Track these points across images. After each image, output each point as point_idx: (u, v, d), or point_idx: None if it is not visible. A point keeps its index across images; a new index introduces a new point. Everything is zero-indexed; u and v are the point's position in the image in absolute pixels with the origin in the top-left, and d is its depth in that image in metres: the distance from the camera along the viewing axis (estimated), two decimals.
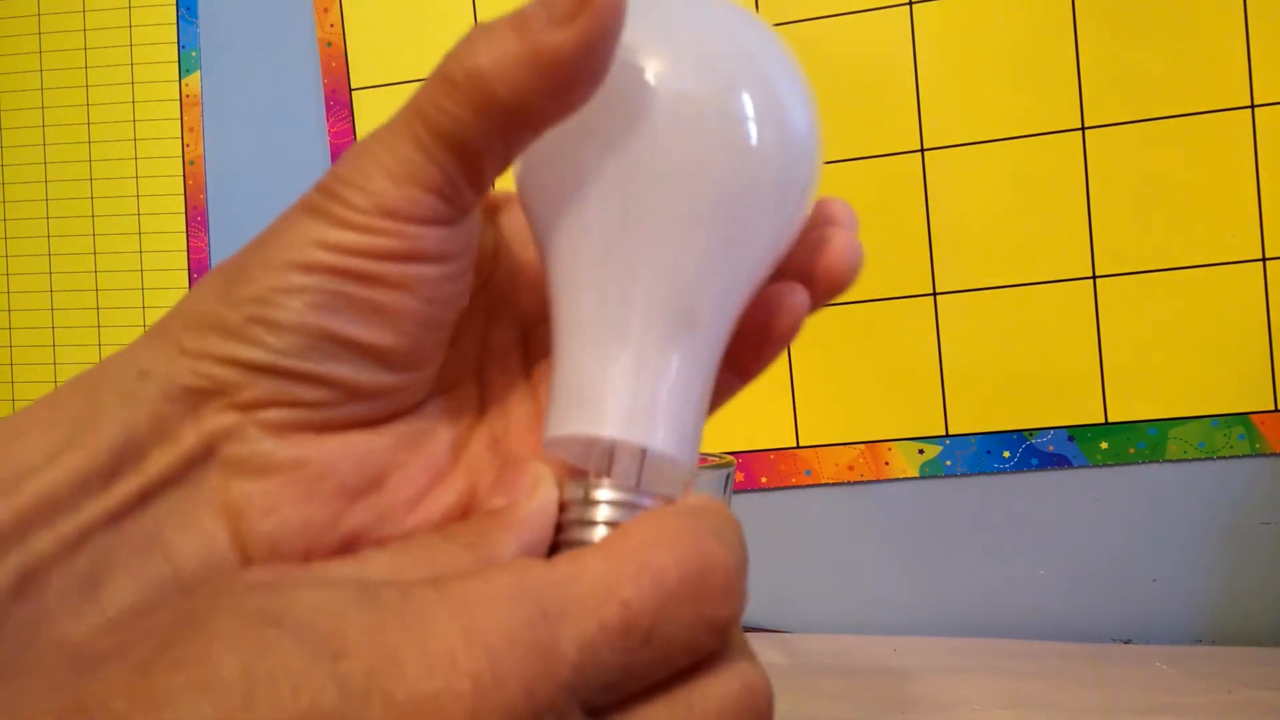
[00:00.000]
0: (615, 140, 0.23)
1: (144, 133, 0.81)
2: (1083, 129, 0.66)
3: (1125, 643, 0.67)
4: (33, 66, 0.82)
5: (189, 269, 0.80)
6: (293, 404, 0.23)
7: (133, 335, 0.82)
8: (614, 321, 0.24)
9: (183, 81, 0.80)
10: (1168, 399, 0.66)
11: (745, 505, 0.71)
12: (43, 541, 0.21)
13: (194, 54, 0.80)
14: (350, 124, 0.76)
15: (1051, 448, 0.67)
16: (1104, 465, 0.67)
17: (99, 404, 0.22)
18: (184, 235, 0.80)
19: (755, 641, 0.69)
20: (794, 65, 0.25)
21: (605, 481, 0.23)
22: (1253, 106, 0.64)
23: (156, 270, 0.81)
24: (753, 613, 0.72)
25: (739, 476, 0.71)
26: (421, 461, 0.25)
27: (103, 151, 0.81)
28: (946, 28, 0.67)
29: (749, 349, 0.27)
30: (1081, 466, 0.67)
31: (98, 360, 0.92)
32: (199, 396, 0.22)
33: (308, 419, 0.23)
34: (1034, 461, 0.68)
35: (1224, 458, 0.65)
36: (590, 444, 0.24)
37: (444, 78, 0.22)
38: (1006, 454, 0.68)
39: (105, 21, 0.81)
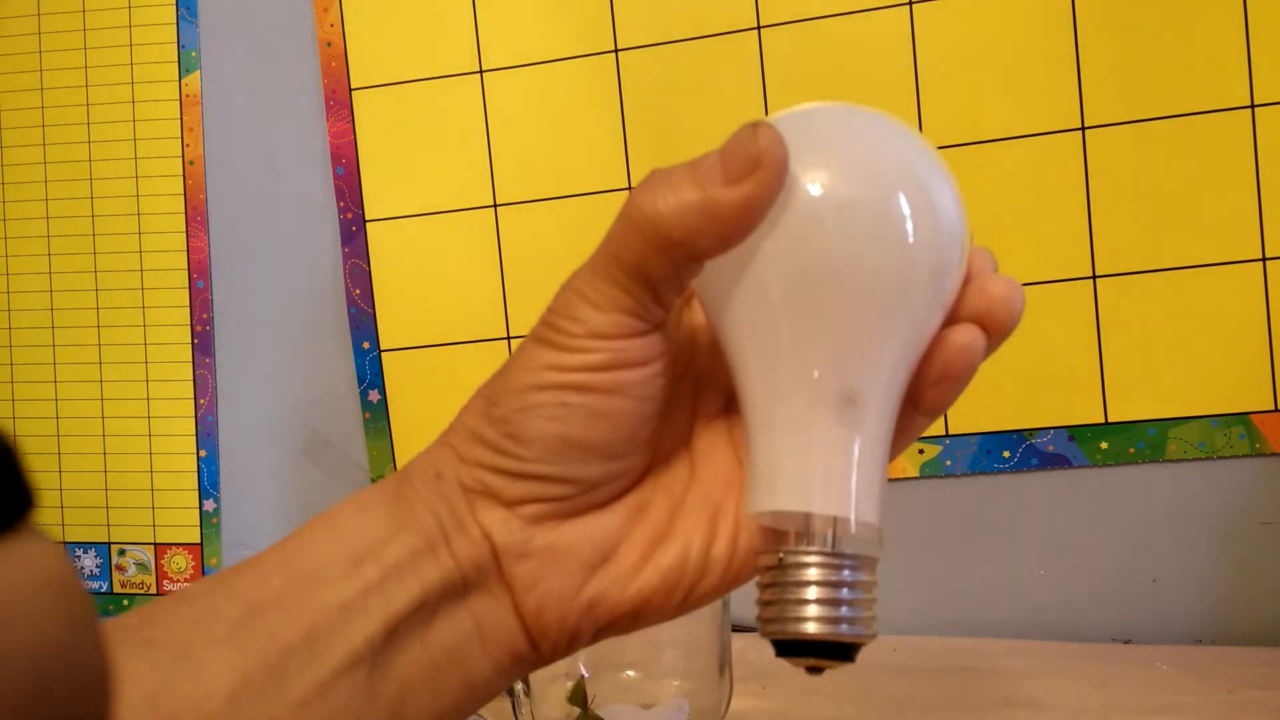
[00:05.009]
0: (785, 246, 0.27)
1: (144, 133, 0.81)
2: (1083, 129, 0.66)
3: (1125, 643, 0.67)
4: (33, 66, 0.82)
5: (189, 269, 0.80)
6: (542, 499, 0.29)
7: (133, 335, 0.82)
8: (795, 407, 0.27)
9: (183, 81, 0.80)
10: (1168, 399, 0.66)
11: None
12: (400, 598, 0.28)
13: (194, 54, 0.80)
14: (350, 124, 0.76)
15: (1051, 448, 0.67)
16: (1104, 465, 0.67)
17: (415, 493, 0.30)
18: (184, 235, 0.80)
19: (755, 641, 0.69)
20: (941, 164, 0.28)
21: (813, 550, 0.27)
22: (1253, 106, 0.64)
23: (156, 270, 0.81)
24: (752, 612, 0.72)
25: None
26: (644, 530, 0.30)
27: (103, 151, 0.81)
28: (946, 28, 0.67)
29: (932, 388, 0.29)
30: (1081, 466, 0.67)
31: (98, 360, 0.91)
32: (476, 495, 0.29)
33: (555, 510, 0.29)
34: (1034, 461, 0.68)
35: (1224, 458, 0.65)
36: (788, 514, 0.28)
37: (628, 221, 0.27)
38: (1006, 454, 0.68)
39: (105, 21, 0.81)
